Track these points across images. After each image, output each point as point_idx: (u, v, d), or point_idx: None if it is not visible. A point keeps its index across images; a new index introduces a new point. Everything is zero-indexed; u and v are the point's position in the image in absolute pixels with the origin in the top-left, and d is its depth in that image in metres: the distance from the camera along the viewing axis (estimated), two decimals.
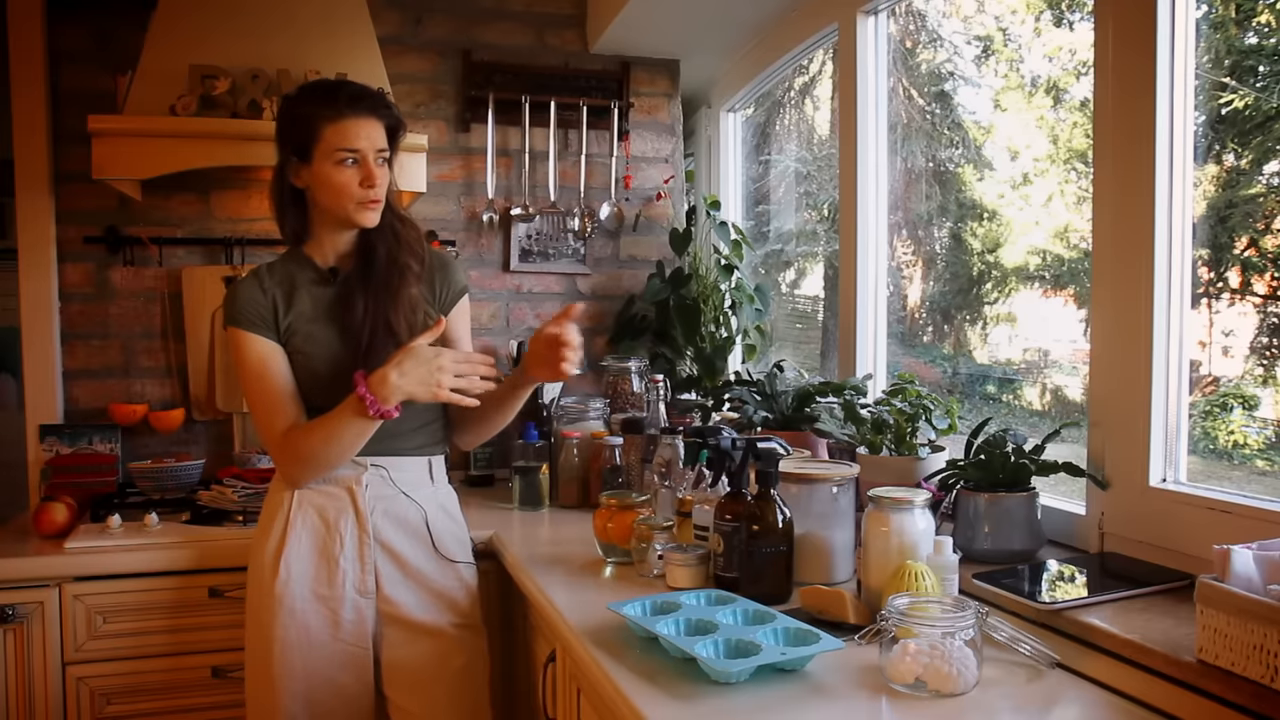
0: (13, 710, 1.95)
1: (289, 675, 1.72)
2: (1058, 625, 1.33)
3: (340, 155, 1.69)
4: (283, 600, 1.72)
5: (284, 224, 1.80)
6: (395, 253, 1.77)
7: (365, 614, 1.76)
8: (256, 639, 1.75)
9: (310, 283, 1.79)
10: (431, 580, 1.80)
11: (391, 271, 1.76)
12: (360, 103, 1.71)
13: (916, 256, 2.58)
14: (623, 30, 2.74)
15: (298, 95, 1.76)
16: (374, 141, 1.71)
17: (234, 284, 1.80)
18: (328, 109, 1.69)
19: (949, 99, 2.44)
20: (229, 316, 1.76)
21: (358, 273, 1.78)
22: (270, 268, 1.81)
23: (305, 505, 1.76)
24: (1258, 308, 1.63)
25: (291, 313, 1.76)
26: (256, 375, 1.74)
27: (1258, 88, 1.54)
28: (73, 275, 2.57)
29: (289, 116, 1.75)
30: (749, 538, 1.53)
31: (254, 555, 1.79)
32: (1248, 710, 1.06)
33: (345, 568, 1.75)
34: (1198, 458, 1.57)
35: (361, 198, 1.71)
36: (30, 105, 2.48)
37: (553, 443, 2.45)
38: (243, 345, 1.74)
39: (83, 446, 2.46)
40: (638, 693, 1.18)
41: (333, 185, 1.70)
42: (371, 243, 1.78)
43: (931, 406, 1.85)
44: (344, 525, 1.75)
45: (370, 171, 1.70)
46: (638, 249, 3.00)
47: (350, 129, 1.69)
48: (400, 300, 1.76)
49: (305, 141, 1.70)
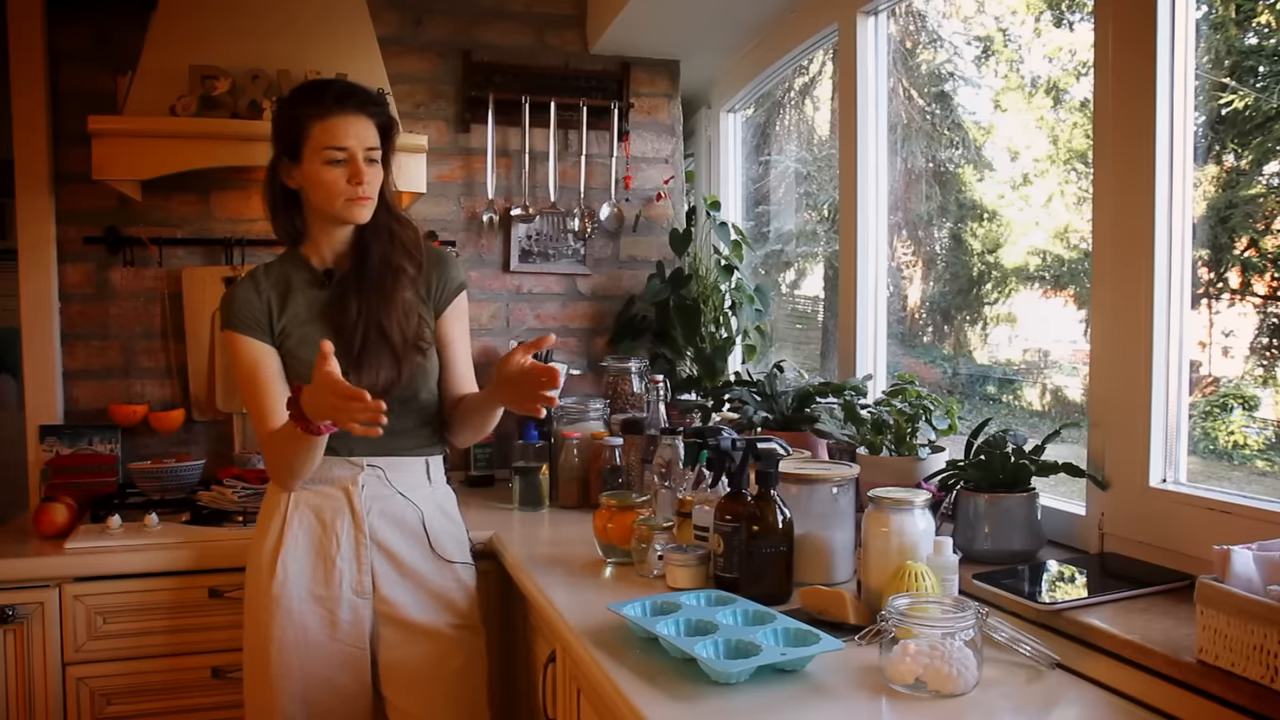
0: (13, 710, 1.95)
1: (286, 675, 1.72)
2: (1058, 626, 1.33)
3: (328, 154, 1.68)
4: (280, 600, 1.72)
5: (278, 224, 1.80)
6: (389, 254, 1.77)
7: (362, 614, 1.76)
8: (254, 639, 1.76)
9: (305, 284, 1.79)
10: (429, 580, 1.80)
11: (385, 273, 1.76)
12: (347, 100, 1.70)
13: (916, 257, 2.58)
14: (623, 30, 2.74)
15: (290, 95, 1.77)
16: (363, 140, 1.70)
17: (230, 287, 1.80)
18: (315, 107, 1.69)
19: (949, 99, 2.44)
20: (224, 319, 1.76)
21: (352, 274, 1.78)
22: (267, 269, 1.81)
23: (302, 505, 1.76)
24: (1258, 308, 1.63)
25: (286, 315, 1.76)
26: (249, 378, 1.75)
27: (1258, 88, 1.54)
28: (73, 275, 2.57)
29: (280, 117, 1.75)
30: (749, 538, 1.53)
31: (252, 556, 1.79)
32: (1248, 711, 1.06)
33: (342, 568, 1.75)
34: (1198, 458, 1.57)
35: (349, 194, 1.70)
36: (30, 105, 2.48)
37: (553, 443, 2.45)
38: (237, 348, 1.75)
39: (83, 447, 2.46)
40: (638, 693, 1.18)
41: (321, 184, 1.70)
42: (366, 243, 1.78)
43: (931, 407, 1.85)
44: (340, 525, 1.75)
45: (358, 169, 1.69)
46: (638, 249, 3.00)
47: (338, 127, 1.68)
48: (394, 303, 1.75)
49: (295, 141, 1.70)
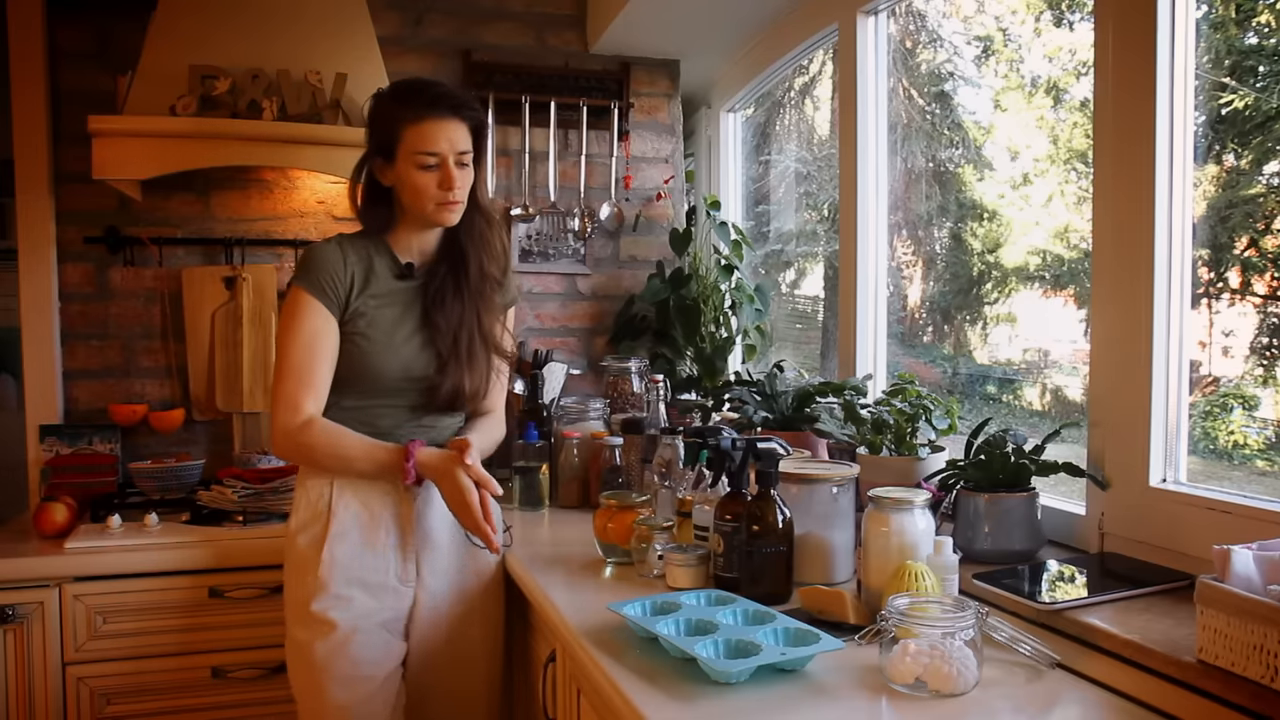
0: (13, 710, 1.95)
1: (333, 661, 1.70)
2: (1058, 625, 1.33)
3: (420, 159, 1.69)
4: (328, 587, 1.71)
5: (366, 217, 1.80)
6: (485, 261, 1.81)
7: (405, 602, 1.78)
8: (300, 628, 1.73)
9: (387, 270, 1.79)
10: (466, 566, 1.84)
11: (484, 282, 1.81)
12: (440, 104, 1.70)
13: (916, 256, 2.58)
14: (623, 30, 2.74)
15: (386, 94, 1.76)
16: (454, 144, 1.71)
17: (314, 246, 1.77)
18: (408, 111, 1.69)
19: (949, 99, 2.44)
20: (302, 274, 1.72)
21: (448, 274, 1.80)
22: (351, 241, 1.79)
23: (348, 495, 1.75)
24: (1258, 308, 1.63)
25: (365, 294, 1.75)
26: (305, 344, 1.71)
27: (1258, 88, 1.54)
28: (73, 275, 2.57)
29: (375, 116, 1.75)
30: (749, 538, 1.53)
31: (291, 545, 1.76)
32: (1247, 710, 1.06)
33: (389, 556, 1.76)
34: (1198, 458, 1.57)
35: (440, 199, 1.72)
36: (30, 105, 2.48)
37: (553, 443, 2.45)
38: (302, 309, 1.71)
39: (83, 447, 2.46)
40: (638, 693, 1.18)
41: (413, 187, 1.71)
42: (462, 246, 1.80)
43: (931, 407, 1.85)
44: (388, 515, 1.76)
45: (449, 174, 1.70)
46: (638, 249, 3.00)
47: (430, 132, 1.68)
48: (493, 311, 1.83)
49: (388, 142, 1.71)
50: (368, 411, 1.77)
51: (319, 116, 2.37)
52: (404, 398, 1.79)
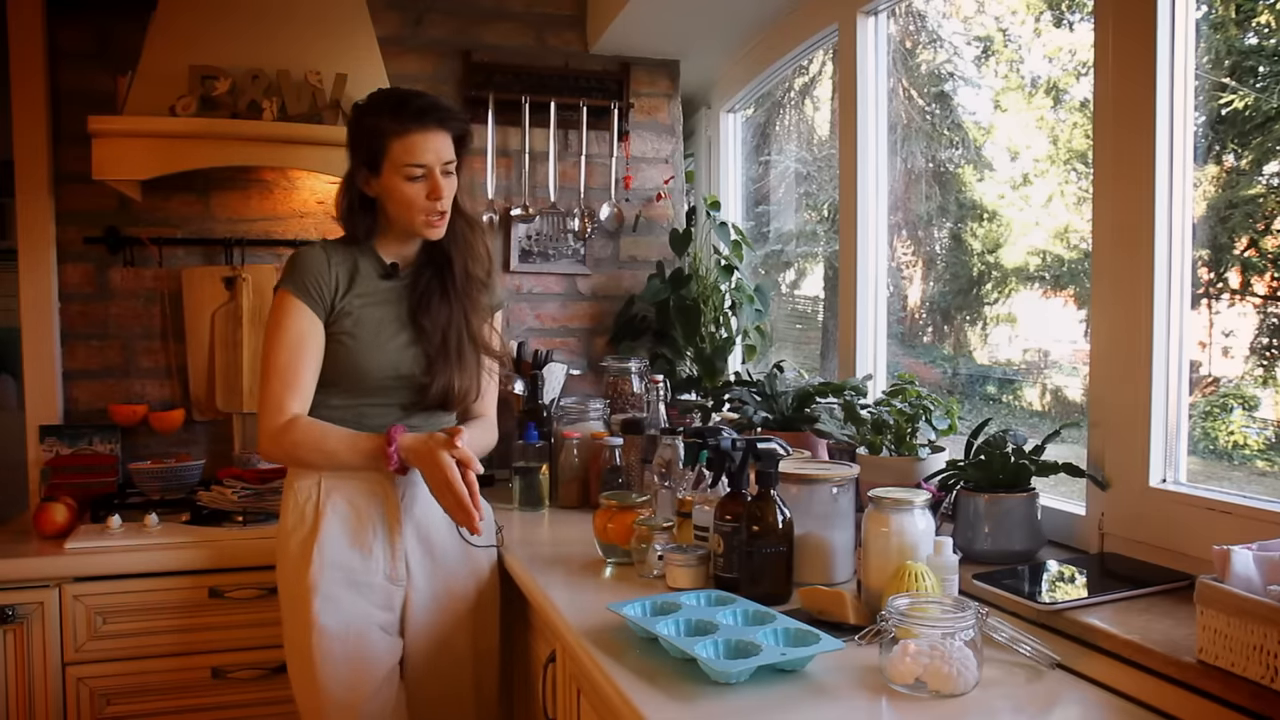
0: (13, 710, 1.95)
1: (331, 661, 1.71)
2: (1058, 626, 1.33)
3: (407, 170, 1.70)
4: (318, 588, 1.71)
5: (351, 224, 1.80)
6: (471, 267, 1.83)
7: (396, 601, 1.79)
8: (295, 629, 1.74)
9: (372, 271, 1.81)
10: (457, 566, 1.84)
11: (470, 284, 1.82)
12: (427, 116, 1.71)
13: (916, 257, 2.58)
14: (623, 30, 2.74)
15: (366, 105, 1.76)
16: (440, 155, 1.72)
17: (300, 250, 1.79)
18: (394, 124, 1.70)
19: (949, 99, 2.44)
20: (288, 278, 1.74)
21: (434, 278, 1.81)
22: (335, 245, 1.81)
23: (335, 495, 1.76)
24: (1258, 308, 1.63)
25: (350, 294, 1.76)
26: (290, 347, 1.72)
27: (1258, 88, 1.54)
28: (73, 276, 2.57)
29: (358, 127, 1.75)
30: (749, 538, 1.53)
31: (282, 547, 1.78)
32: (1247, 711, 1.06)
33: (378, 555, 1.76)
34: (1198, 458, 1.57)
35: (428, 210, 1.73)
36: (30, 105, 2.48)
37: (553, 443, 2.45)
38: (289, 312, 1.73)
39: (83, 447, 2.46)
40: (638, 693, 1.18)
41: (401, 198, 1.72)
42: (446, 252, 1.82)
43: (931, 407, 1.85)
44: (376, 514, 1.77)
45: (436, 184, 1.72)
46: (638, 249, 3.00)
47: (417, 144, 1.69)
48: (481, 311, 1.84)
49: (374, 155, 1.72)
50: (356, 410, 1.78)
51: (319, 117, 2.37)
52: (393, 396, 1.80)
